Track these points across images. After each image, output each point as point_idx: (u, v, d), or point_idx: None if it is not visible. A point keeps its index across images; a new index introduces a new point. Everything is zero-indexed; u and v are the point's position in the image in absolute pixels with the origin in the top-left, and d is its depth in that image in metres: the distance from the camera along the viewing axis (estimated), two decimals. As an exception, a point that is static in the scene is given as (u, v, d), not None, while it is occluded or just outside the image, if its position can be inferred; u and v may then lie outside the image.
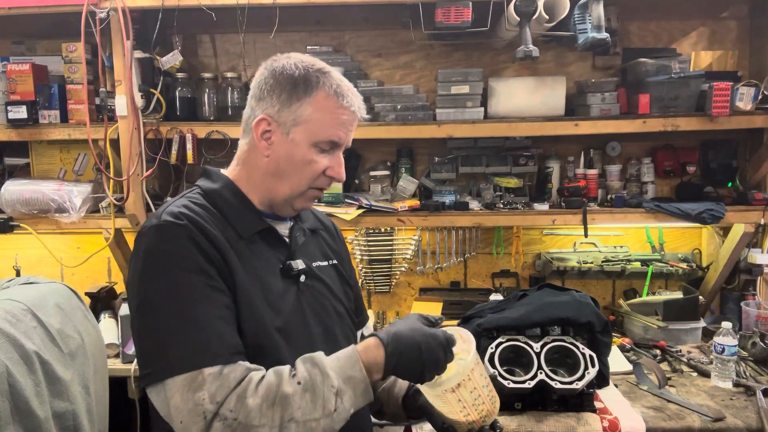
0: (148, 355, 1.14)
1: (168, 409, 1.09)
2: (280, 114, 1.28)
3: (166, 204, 1.27)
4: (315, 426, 1.10)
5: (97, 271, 2.95)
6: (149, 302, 1.16)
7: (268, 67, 1.36)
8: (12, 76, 2.54)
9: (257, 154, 1.32)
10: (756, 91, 2.38)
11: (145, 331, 1.15)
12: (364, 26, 2.77)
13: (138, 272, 1.19)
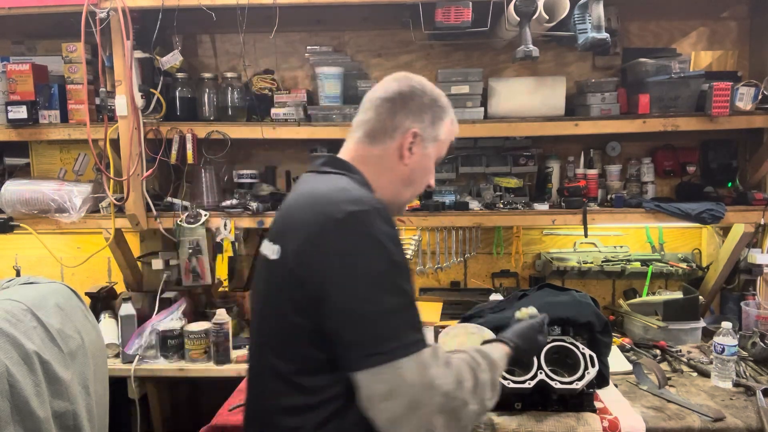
0: (379, 336, 1.12)
1: (397, 387, 1.10)
2: (425, 130, 1.39)
3: (341, 189, 1.24)
4: (486, 411, 1.27)
5: (97, 271, 2.95)
6: (378, 284, 1.15)
7: (408, 84, 1.40)
8: (12, 76, 2.54)
9: (393, 160, 1.38)
10: (756, 91, 2.38)
11: (375, 312, 1.13)
12: (364, 26, 2.77)
13: (364, 256, 1.15)
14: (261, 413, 1.28)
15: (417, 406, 1.10)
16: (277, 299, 1.22)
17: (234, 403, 2.03)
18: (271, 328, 1.26)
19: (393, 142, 1.37)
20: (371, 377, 1.10)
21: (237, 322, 2.79)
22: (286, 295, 1.19)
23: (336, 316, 1.14)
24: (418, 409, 1.10)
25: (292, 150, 2.85)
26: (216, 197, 2.72)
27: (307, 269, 1.16)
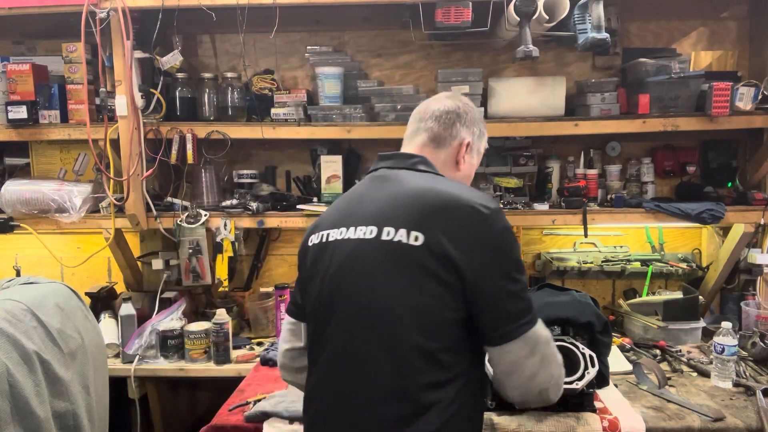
0: (524, 310, 1.35)
1: (535, 346, 1.35)
2: (474, 141, 1.61)
3: (468, 189, 1.45)
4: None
5: (97, 271, 2.95)
6: (519, 269, 1.37)
7: (462, 101, 1.62)
8: (12, 76, 2.54)
9: (450, 166, 1.57)
10: (756, 91, 2.38)
11: (519, 291, 1.35)
12: (364, 26, 2.77)
13: (509, 245, 1.37)
14: (393, 390, 1.32)
15: (546, 359, 1.37)
16: (419, 281, 1.32)
17: (234, 403, 2.02)
18: (412, 309, 1.32)
19: (452, 149, 1.56)
20: (521, 343, 1.33)
21: (237, 322, 2.79)
22: (435, 279, 1.31)
23: (491, 296, 1.33)
24: (548, 362, 1.37)
25: (292, 150, 2.85)
26: (216, 197, 2.72)
27: (463, 257, 1.31)
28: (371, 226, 1.38)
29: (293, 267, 2.97)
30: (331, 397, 1.39)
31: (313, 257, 1.47)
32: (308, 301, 1.48)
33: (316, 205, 2.60)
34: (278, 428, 1.88)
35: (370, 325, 1.35)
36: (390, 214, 1.38)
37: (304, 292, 1.51)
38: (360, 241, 1.39)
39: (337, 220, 1.46)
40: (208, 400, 2.95)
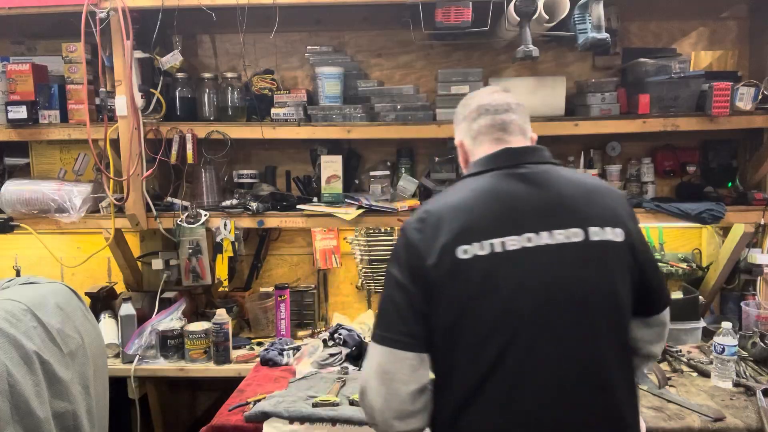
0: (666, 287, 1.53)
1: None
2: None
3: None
4: None
5: (97, 271, 2.95)
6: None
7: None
8: (12, 76, 2.54)
9: None
10: (756, 91, 2.38)
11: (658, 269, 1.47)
12: (364, 26, 2.77)
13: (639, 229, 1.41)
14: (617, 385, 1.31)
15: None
16: (625, 278, 1.32)
17: (234, 403, 2.03)
18: (627, 307, 1.34)
19: (532, 142, 1.51)
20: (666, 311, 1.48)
21: (237, 322, 2.79)
22: (630, 272, 1.33)
23: (654, 276, 1.42)
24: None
25: (292, 150, 2.85)
26: (216, 197, 2.72)
27: (635, 241, 1.35)
28: (572, 228, 1.29)
29: (293, 267, 2.97)
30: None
31: (484, 271, 1.26)
32: (473, 323, 1.25)
33: (316, 205, 2.59)
34: (278, 428, 1.88)
35: (606, 330, 1.29)
36: (583, 214, 1.31)
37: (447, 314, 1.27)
38: (565, 246, 1.28)
39: (502, 227, 1.28)
40: (208, 400, 2.95)
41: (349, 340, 2.46)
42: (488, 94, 1.49)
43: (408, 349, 1.28)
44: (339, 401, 1.96)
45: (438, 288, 1.27)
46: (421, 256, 1.28)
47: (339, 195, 2.60)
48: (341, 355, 2.40)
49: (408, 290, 1.28)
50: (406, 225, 1.35)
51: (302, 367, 2.36)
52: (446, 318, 1.27)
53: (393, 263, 1.33)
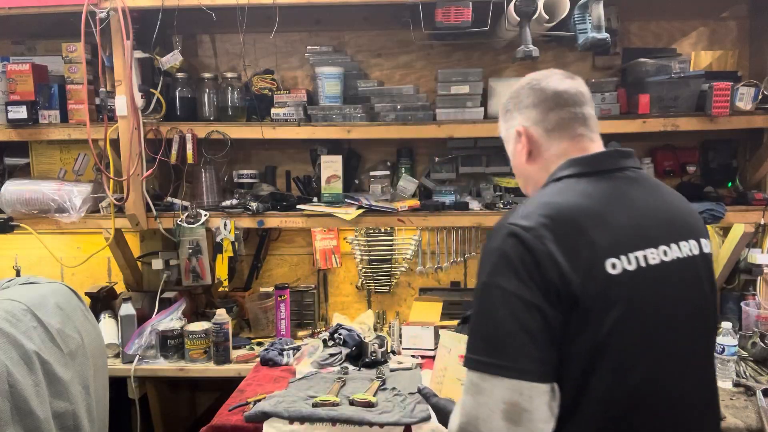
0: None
1: None
2: None
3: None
4: None
5: (97, 271, 2.95)
6: None
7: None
8: (12, 76, 2.54)
9: None
10: (756, 91, 2.38)
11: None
12: (364, 26, 2.77)
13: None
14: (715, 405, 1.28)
15: None
16: (713, 292, 1.26)
17: (234, 403, 2.03)
18: (711, 324, 1.26)
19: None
20: None
21: (237, 322, 2.79)
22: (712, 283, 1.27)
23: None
24: None
25: (292, 150, 2.85)
26: (216, 197, 2.72)
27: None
28: (691, 240, 1.22)
29: (293, 267, 2.97)
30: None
31: (633, 288, 1.12)
32: (619, 346, 1.10)
33: (316, 205, 2.59)
34: (278, 428, 1.88)
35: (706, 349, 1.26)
36: (691, 225, 1.25)
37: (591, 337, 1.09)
38: (691, 259, 1.21)
39: (641, 238, 1.16)
40: (208, 400, 2.95)
41: (349, 340, 2.46)
42: (561, 80, 1.34)
43: (543, 380, 1.07)
44: (339, 401, 1.96)
45: (584, 308, 1.08)
46: (562, 269, 1.07)
47: (339, 195, 2.60)
48: (341, 355, 2.41)
49: (542, 310, 1.07)
50: (520, 229, 1.11)
51: (302, 367, 2.36)
52: (588, 342, 1.09)
53: (503, 276, 1.10)
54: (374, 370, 2.31)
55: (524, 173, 1.37)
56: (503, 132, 1.45)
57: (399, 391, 2.07)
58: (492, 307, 1.10)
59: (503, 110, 1.42)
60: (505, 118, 1.42)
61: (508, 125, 1.40)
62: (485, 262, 1.15)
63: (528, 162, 1.34)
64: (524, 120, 1.34)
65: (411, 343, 2.45)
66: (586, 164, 1.26)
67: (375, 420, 1.85)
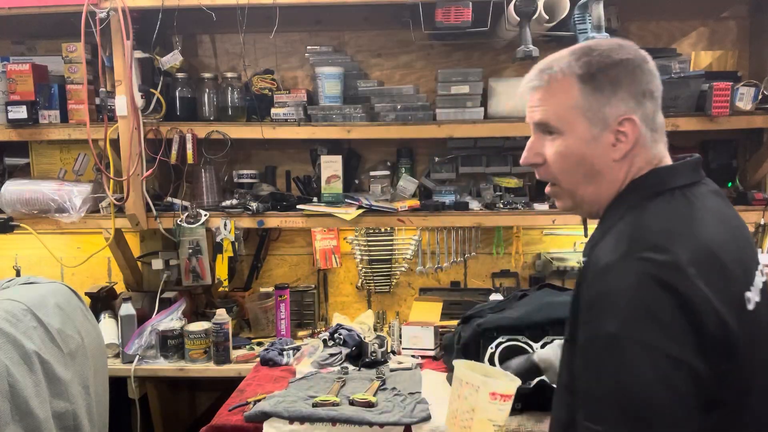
0: None
1: None
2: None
3: None
4: None
5: (97, 271, 2.95)
6: None
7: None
8: (12, 76, 2.54)
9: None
10: (756, 91, 2.38)
11: None
12: (364, 26, 2.77)
13: None
14: None
15: None
16: None
17: (234, 403, 2.02)
18: None
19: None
20: None
21: (237, 322, 2.79)
22: None
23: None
24: None
25: (292, 150, 2.85)
26: (216, 197, 2.72)
27: None
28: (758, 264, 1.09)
29: (293, 267, 2.97)
30: None
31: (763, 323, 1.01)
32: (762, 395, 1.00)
33: (316, 205, 2.59)
34: (278, 428, 1.88)
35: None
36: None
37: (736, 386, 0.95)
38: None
39: (750, 263, 1.04)
40: (208, 400, 2.95)
41: (349, 340, 2.46)
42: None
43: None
44: (339, 401, 1.96)
45: (731, 355, 0.92)
46: (719, 314, 0.91)
47: (339, 195, 2.60)
48: (341, 355, 2.41)
49: (693, 368, 0.89)
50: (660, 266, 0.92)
51: (302, 367, 2.36)
52: (733, 393, 0.95)
53: (643, 327, 0.90)
54: (374, 370, 2.30)
55: (599, 174, 1.10)
56: (579, 103, 1.08)
57: (399, 391, 2.07)
58: (630, 367, 0.90)
59: (586, 76, 1.07)
60: (591, 90, 1.07)
61: (602, 104, 1.07)
62: (609, 307, 0.93)
63: (617, 161, 1.08)
64: (629, 110, 1.07)
65: (411, 343, 2.45)
66: (689, 174, 1.08)
67: (375, 420, 1.85)
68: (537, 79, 1.13)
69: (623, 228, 1.02)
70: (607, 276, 0.96)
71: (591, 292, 1.00)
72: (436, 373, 2.28)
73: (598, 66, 1.07)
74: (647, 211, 1.03)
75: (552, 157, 1.12)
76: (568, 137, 1.10)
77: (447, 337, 2.35)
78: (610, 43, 1.11)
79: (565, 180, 1.13)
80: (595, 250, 1.05)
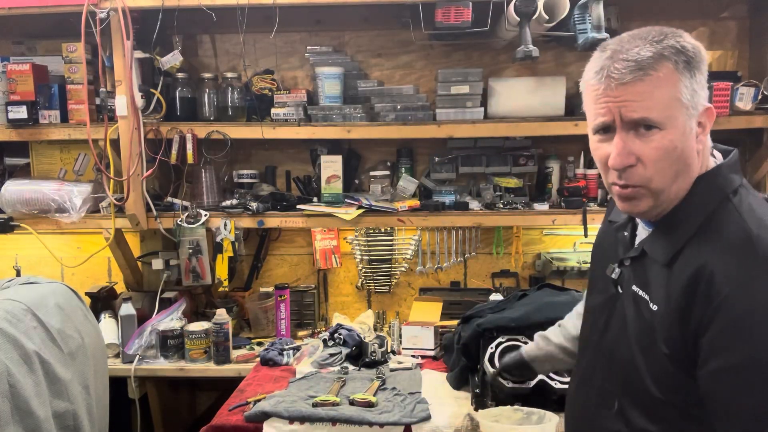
0: None
1: None
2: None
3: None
4: None
5: (97, 271, 2.95)
6: None
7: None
8: (12, 76, 2.54)
9: None
10: (756, 91, 2.38)
11: None
12: (364, 26, 2.77)
13: None
14: None
15: None
16: None
17: (234, 403, 2.03)
18: None
19: None
20: None
21: (237, 322, 2.79)
22: None
23: None
24: None
25: (292, 150, 2.85)
26: (216, 197, 2.72)
27: None
28: None
29: (293, 267, 2.97)
30: None
31: None
32: None
33: (316, 205, 2.60)
34: (278, 428, 1.88)
35: None
36: None
37: None
38: None
39: None
40: (208, 400, 2.95)
41: (349, 340, 2.46)
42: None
43: None
44: (339, 401, 1.96)
45: None
46: None
47: (339, 195, 2.60)
48: (341, 355, 2.41)
49: None
50: None
51: (302, 367, 2.36)
52: None
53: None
54: (374, 370, 2.31)
55: (686, 168, 1.08)
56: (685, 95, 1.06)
57: (399, 391, 2.07)
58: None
59: (684, 66, 1.04)
60: (692, 80, 1.06)
61: (699, 94, 1.07)
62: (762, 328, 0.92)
63: (697, 154, 1.09)
64: (706, 97, 1.10)
65: (411, 343, 2.45)
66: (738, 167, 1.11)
67: (375, 420, 1.85)
68: (630, 73, 1.03)
69: (731, 235, 0.99)
70: (749, 293, 0.94)
71: (733, 312, 0.95)
72: (436, 373, 2.28)
73: (688, 52, 1.04)
74: (746, 214, 1.01)
75: (653, 155, 1.05)
76: (670, 131, 1.04)
77: (447, 337, 2.35)
78: (662, 28, 1.07)
79: (658, 178, 1.06)
80: (699, 261, 1.00)
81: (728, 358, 0.95)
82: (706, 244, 1.01)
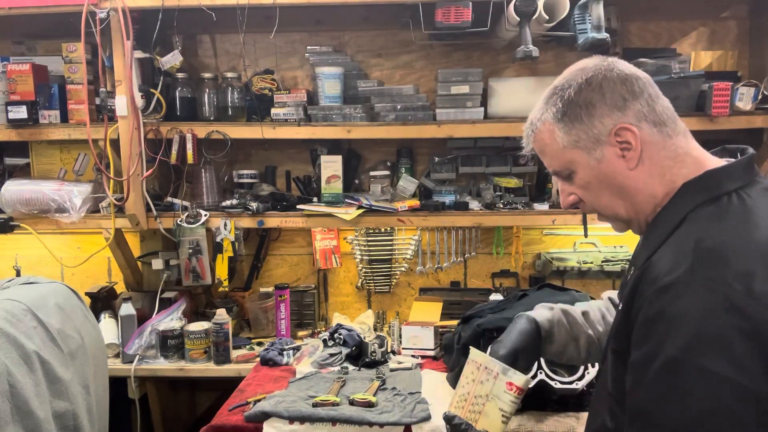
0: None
1: None
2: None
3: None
4: None
5: (97, 271, 2.95)
6: None
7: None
8: (12, 76, 2.54)
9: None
10: (756, 91, 2.38)
11: None
12: (364, 26, 2.77)
13: None
14: None
15: None
16: None
17: (234, 403, 2.03)
18: None
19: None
20: None
21: (237, 322, 2.79)
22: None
23: None
24: None
25: (292, 150, 2.85)
26: (216, 197, 2.72)
27: None
28: None
29: (293, 267, 2.97)
30: None
31: None
32: None
33: (316, 205, 2.60)
34: (278, 428, 1.88)
35: None
36: None
37: None
38: None
39: None
40: (208, 400, 2.95)
41: (349, 340, 2.46)
42: (627, 65, 1.17)
43: None
44: (339, 401, 1.96)
45: None
46: None
47: (339, 195, 2.60)
48: (341, 355, 2.41)
49: (760, 400, 0.86)
50: (744, 300, 0.88)
51: (302, 367, 2.36)
52: None
53: (710, 356, 0.87)
54: (374, 370, 2.31)
55: (625, 188, 1.10)
56: (565, 141, 1.12)
57: (399, 391, 2.07)
58: (692, 394, 0.88)
59: (559, 114, 1.12)
60: (569, 124, 1.11)
61: (586, 129, 1.10)
62: (673, 329, 0.90)
63: (634, 170, 1.08)
64: (625, 117, 1.08)
65: (411, 343, 2.45)
66: (741, 173, 1.03)
67: (375, 420, 1.85)
68: (527, 138, 1.20)
69: (682, 240, 0.99)
70: (669, 294, 0.93)
71: (651, 309, 0.95)
72: (436, 373, 2.28)
73: (564, 100, 1.12)
74: (706, 221, 0.99)
75: (581, 194, 1.16)
76: (579, 172, 1.14)
77: (447, 337, 2.35)
78: (571, 70, 1.17)
79: (602, 207, 1.16)
80: (652, 262, 1.00)
81: (634, 353, 0.98)
82: (666, 247, 1.02)
